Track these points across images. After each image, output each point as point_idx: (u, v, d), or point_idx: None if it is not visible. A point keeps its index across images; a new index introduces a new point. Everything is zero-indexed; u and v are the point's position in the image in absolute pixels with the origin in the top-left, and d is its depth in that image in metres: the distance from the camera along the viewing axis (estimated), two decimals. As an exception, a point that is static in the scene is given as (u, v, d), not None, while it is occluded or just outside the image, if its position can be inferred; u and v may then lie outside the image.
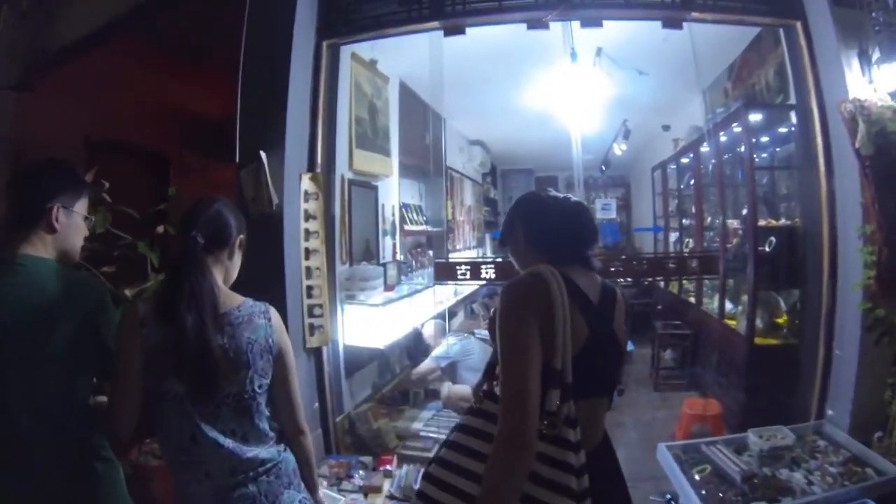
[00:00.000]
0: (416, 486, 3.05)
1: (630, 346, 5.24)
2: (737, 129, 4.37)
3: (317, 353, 3.36)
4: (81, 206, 1.69)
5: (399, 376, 4.39)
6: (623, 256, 4.90)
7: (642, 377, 5.55)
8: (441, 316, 4.43)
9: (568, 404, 1.38)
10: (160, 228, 2.78)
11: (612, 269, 3.13)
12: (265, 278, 3.05)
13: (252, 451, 1.54)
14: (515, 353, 1.36)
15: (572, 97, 3.79)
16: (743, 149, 4.32)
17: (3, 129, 4.13)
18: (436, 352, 4.05)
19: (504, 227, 1.72)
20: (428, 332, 4.20)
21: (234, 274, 1.71)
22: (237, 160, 2.98)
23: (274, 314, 1.66)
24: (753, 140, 4.20)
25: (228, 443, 1.51)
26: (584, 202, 1.78)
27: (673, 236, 6.48)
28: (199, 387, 1.48)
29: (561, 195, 1.67)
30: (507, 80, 4.77)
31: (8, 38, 4.38)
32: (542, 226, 1.62)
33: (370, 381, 4.08)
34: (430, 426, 3.90)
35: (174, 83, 4.39)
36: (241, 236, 1.69)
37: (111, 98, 4.23)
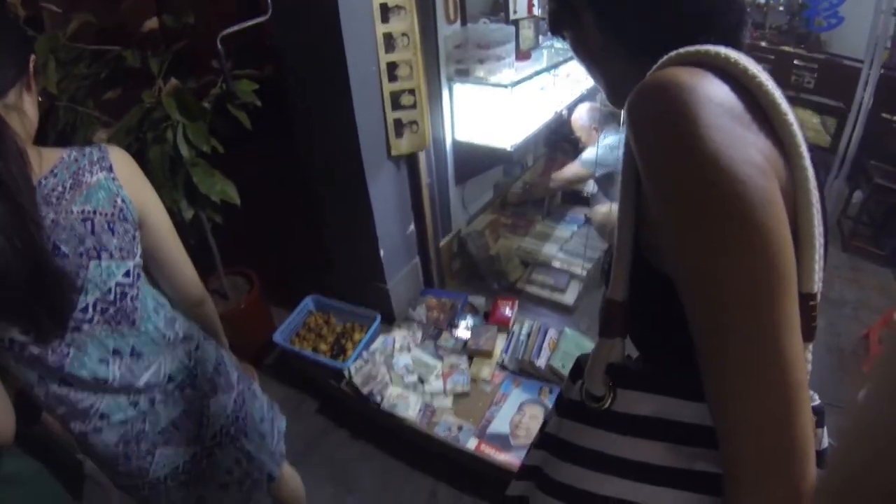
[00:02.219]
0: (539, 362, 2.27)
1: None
2: None
3: (410, 159, 2.34)
4: None
5: (531, 169, 3.27)
6: None
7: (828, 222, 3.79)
8: (592, 96, 3.05)
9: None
10: (151, 22, 1.72)
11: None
12: (314, 64, 1.94)
13: (149, 371, 1.10)
14: (753, 274, 0.52)
15: None
16: None
17: None
18: (588, 153, 2.81)
19: None
20: (578, 119, 2.90)
21: (36, 120, 1.00)
22: None
23: (117, 156, 1.03)
24: None
25: (115, 372, 1.05)
26: None
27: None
28: (47, 319, 0.93)
29: None
30: None
31: None
32: None
33: (491, 183, 3.03)
34: (568, 252, 2.90)
35: None
36: (34, 57, 0.99)
37: None
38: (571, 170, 2.84)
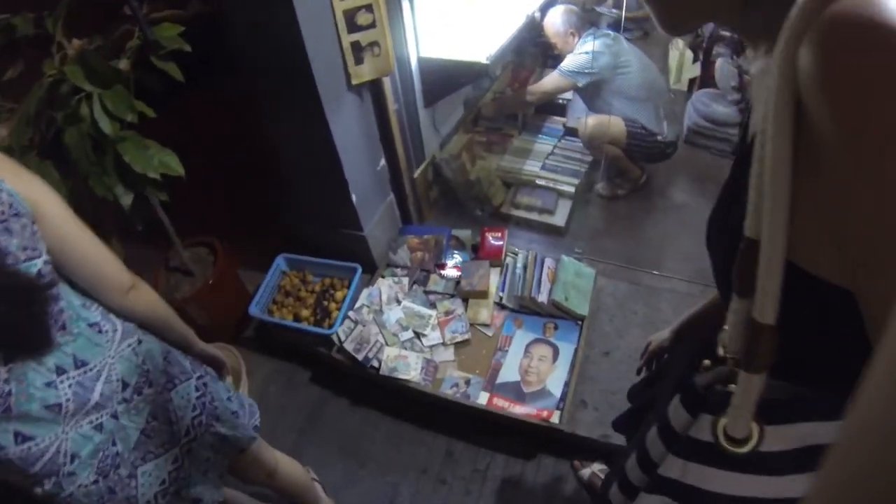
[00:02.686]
0: (541, 298, 2.11)
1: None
2: None
3: (374, 86, 2.04)
4: None
5: (499, 79, 2.96)
6: None
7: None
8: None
9: None
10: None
11: None
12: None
13: (101, 379, 0.99)
14: None
15: None
16: None
17: None
18: (568, 62, 2.52)
19: None
20: (552, 25, 2.57)
21: None
22: None
23: None
24: None
25: (66, 392, 0.94)
26: None
27: None
28: (33, 330, 0.89)
29: None
30: None
31: None
32: None
33: (460, 100, 2.73)
34: (551, 169, 2.70)
35: None
36: None
37: None
38: (551, 81, 2.56)
